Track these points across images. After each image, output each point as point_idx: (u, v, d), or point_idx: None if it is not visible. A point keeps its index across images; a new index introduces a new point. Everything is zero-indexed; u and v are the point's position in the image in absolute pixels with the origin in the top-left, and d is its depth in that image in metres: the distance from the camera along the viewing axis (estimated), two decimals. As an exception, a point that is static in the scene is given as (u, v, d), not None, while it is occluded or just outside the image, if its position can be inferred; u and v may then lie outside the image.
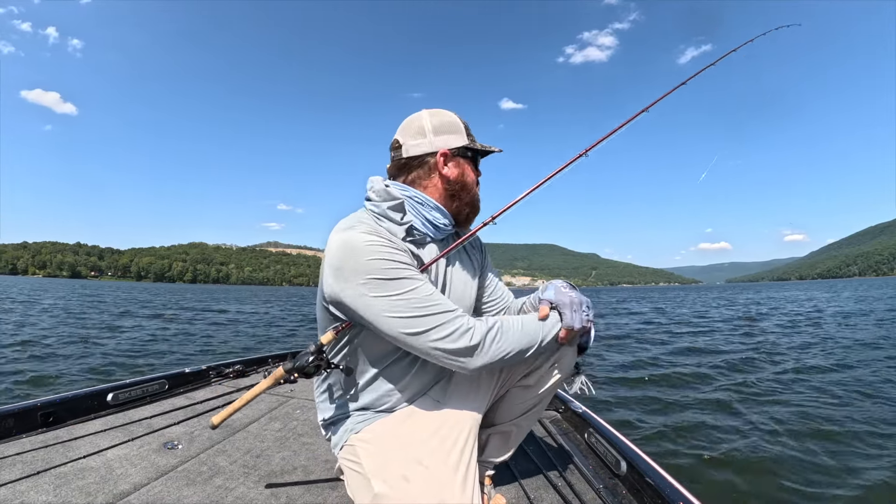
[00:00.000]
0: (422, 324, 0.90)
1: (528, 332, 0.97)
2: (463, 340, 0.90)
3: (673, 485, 1.17)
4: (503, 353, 0.94)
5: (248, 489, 1.25)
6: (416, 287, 0.92)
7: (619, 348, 7.31)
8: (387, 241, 0.95)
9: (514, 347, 0.95)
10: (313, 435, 1.70)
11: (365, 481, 0.95)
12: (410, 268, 0.94)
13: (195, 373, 2.33)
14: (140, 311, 14.72)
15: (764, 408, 3.89)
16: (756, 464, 2.76)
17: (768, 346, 7.29)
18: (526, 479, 1.37)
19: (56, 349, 6.38)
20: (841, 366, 5.54)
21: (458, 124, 1.10)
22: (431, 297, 0.92)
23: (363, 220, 0.98)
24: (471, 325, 0.92)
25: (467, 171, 1.11)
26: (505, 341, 0.94)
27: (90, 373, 4.94)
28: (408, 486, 0.89)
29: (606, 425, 1.63)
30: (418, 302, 0.90)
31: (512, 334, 0.95)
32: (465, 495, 0.89)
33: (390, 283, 0.90)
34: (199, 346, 7.50)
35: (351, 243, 0.92)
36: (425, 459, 0.93)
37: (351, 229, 0.95)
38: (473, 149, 1.12)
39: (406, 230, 1.01)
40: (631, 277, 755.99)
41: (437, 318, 0.90)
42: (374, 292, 0.90)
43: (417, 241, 1.06)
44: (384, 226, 0.99)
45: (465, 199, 1.11)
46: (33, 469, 1.27)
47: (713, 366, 5.64)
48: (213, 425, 1.05)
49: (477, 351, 0.91)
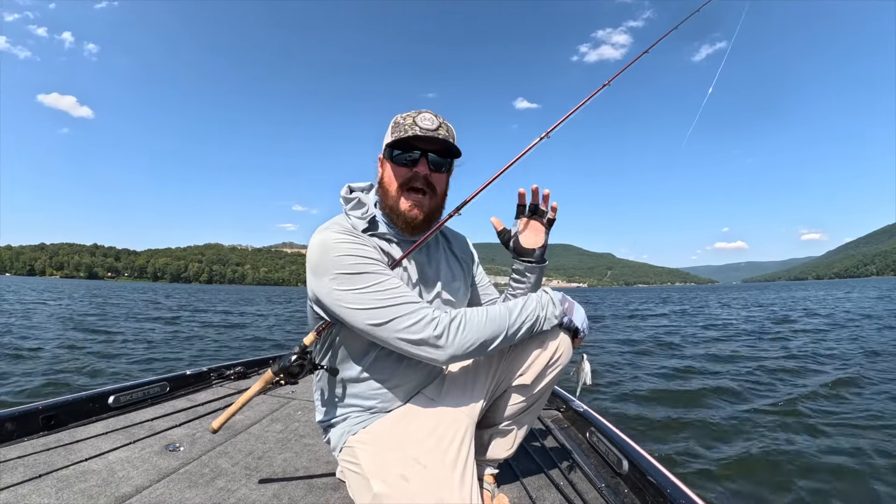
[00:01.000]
0: (385, 314, 0.92)
1: (493, 321, 0.96)
2: (427, 331, 0.91)
3: (675, 483, 1.17)
4: (469, 343, 0.93)
5: (249, 491, 1.25)
6: (381, 281, 0.94)
7: (644, 357, 6.81)
8: (355, 238, 0.99)
9: (479, 336, 0.94)
10: (315, 436, 1.70)
11: (364, 482, 0.96)
12: (377, 263, 0.97)
13: (196, 375, 2.33)
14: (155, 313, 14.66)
15: (777, 410, 3.88)
16: (757, 464, 2.76)
17: (801, 349, 6.96)
18: (528, 479, 1.37)
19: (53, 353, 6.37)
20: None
21: (395, 125, 1.04)
22: (396, 290, 0.94)
23: (337, 222, 1.03)
24: (435, 315, 0.92)
25: (388, 174, 1.06)
26: (469, 330, 0.93)
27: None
28: (407, 485, 0.90)
29: (608, 424, 1.62)
30: (382, 294, 0.93)
31: (476, 324, 0.95)
32: (463, 493, 0.90)
33: (357, 277, 0.94)
34: (203, 347, 7.51)
35: (324, 242, 0.97)
36: (423, 458, 0.94)
37: (326, 230, 0.99)
38: (388, 146, 1.04)
39: (369, 222, 1.04)
40: (647, 277, 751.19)
41: (400, 308, 0.92)
42: (342, 286, 0.94)
43: (386, 238, 1.07)
44: (352, 222, 1.04)
45: (386, 204, 1.07)
46: (35, 472, 1.27)
47: (748, 373, 5.22)
48: (213, 430, 1.07)
49: (442, 341, 0.91)
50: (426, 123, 1.01)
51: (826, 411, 3.68)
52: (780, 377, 4.97)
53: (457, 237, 1.29)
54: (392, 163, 1.05)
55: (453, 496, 0.88)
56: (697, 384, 4.70)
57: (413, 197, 1.04)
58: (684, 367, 5.61)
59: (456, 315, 0.94)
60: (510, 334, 0.98)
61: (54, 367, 5.23)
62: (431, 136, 1.00)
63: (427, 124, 1.01)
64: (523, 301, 1.03)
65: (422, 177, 1.03)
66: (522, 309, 1.01)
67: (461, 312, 0.96)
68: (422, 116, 1.02)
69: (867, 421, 3.40)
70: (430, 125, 1.01)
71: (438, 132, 1.01)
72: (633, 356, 6.73)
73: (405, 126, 1.01)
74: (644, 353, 6.99)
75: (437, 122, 1.02)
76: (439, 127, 1.02)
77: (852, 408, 3.77)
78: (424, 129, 1.00)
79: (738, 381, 4.78)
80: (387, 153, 1.05)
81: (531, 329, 1.02)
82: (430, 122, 1.01)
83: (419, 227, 1.07)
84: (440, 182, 1.07)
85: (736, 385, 4.56)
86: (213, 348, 7.45)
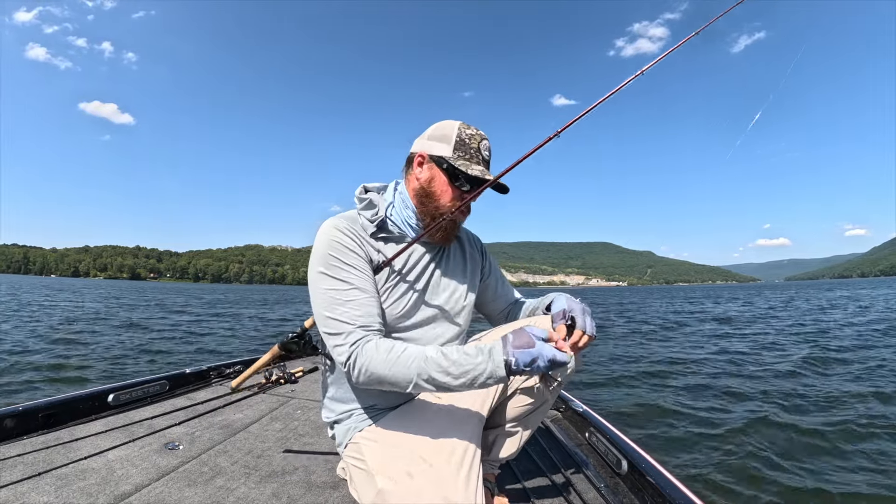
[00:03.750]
0: (326, 325, 0.96)
1: (401, 368, 0.88)
2: (341, 357, 0.93)
3: (674, 484, 1.17)
4: (370, 382, 0.92)
5: (249, 489, 1.25)
6: (339, 288, 0.97)
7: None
8: (352, 238, 1.01)
9: (381, 377, 0.90)
10: (314, 435, 1.70)
11: (369, 478, 0.96)
12: (351, 268, 0.99)
13: (196, 373, 2.33)
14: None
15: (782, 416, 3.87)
16: (759, 463, 2.76)
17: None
18: (527, 479, 1.37)
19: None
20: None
21: (450, 136, 1.06)
22: (345, 305, 0.95)
23: (348, 217, 1.06)
24: (353, 347, 0.91)
25: (438, 181, 1.06)
26: (370, 372, 0.90)
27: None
28: (411, 482, 0.90)
29: (607, 424, 1.62)
30: (332, 303, 0.96)
31: (381, 365, 0.89)
32: (468, 493, 0.89)
33: (326, 279, 0.98)
34: (213, 344, 7.52)
35: (324, 234, 1.02)
36: (429, 456, 0.94)
37: (333, 225, 1.03)
38: (451, 164, 1.04)
39: (377, 225, 1.06)
40: (687, 276, 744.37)
41: (336, 325, 0.94)
42: (314, 281, 0.99)
43: (394, 238, 1.08)
44: (362, 222, 1.06)
45: (429, 207, 1.07)
46: (34, 470, 1.27)
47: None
48: (232, 388, 1.37)
49: (347, 370, 0.93)
50: (486, 154, 1.07)
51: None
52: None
53: (466, 234, 1.30)
54: (447, 177, 1.06)
55: (458, 495, 0.88)
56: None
57: (460, 216, 1.09)
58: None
59: (367, 351, 0.90)
60: (421, 384, 0.89)
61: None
62: (488, 176, 1.04)
63: (486, 154, 1.07)
64: (458, 355, 0.88)
65: (469, 203, 1.08)
66: (452, 364, 0.87)
67: (373, 350, 0.91)
68: (484, 144, 1.07)
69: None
70: (488, 155, 1.07)
71: (489, 172, 1.06)
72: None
73: (471, 150, 1.05)
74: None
75: (489, 154, 1.09)
76: (489, 160, 1.08)
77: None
78: (486, 160, 1.06)
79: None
80: (441, 162, 1.05)
81: (468, 385, 0.88)
82: (487, 152, 1.08)
83: (450, 238, 1.12)
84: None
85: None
86: (216, 346, 7.47)
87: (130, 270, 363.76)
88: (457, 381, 0.87)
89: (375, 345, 0.92)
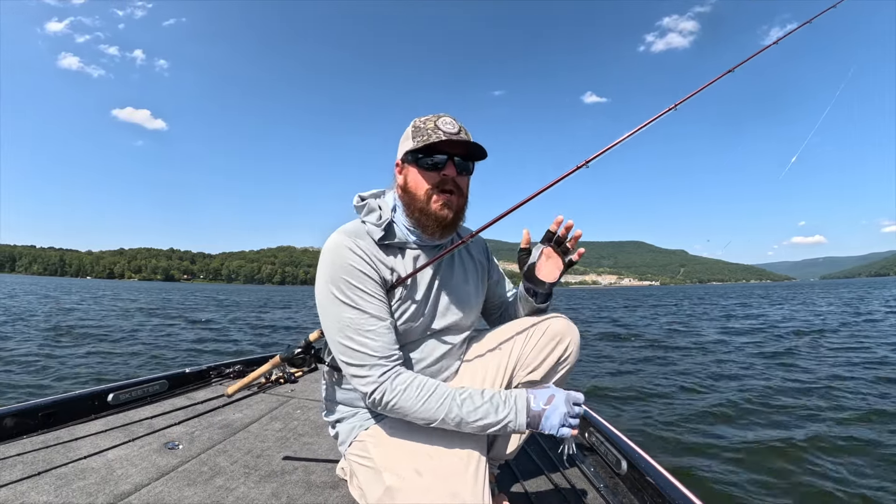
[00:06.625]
0: (344, 354, 0.97)
1: (430, 408, 0.93)
2: (366, 388, 0.95)
3: (673, 484, 1.17)
4: (397, 414, 0.96)
5: (248, 489, 1.25)
6: (356, 318, 0.96)
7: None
8: (361, 256, 0.99)
9: (407, 413, 0.95)
10: (314, 435, 1.70)
11: (376, 475, 0.97)
12: (367, 295, 0.98)
13: (196, 373, 2.33)
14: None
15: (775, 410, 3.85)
16: (760, 463, 2.76)
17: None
18: (527, 479, 1.37)
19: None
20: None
21: (409, 132, 1.05)
22: (364, 334, 0.95)
23: (353, 231, 1.04)
24: (380, 381, 0.94)
25: (412, 175, 1.06)
26: (399, 407, 0.94)
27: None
28: (420, 479, 0.90)
29: (607, 424, 1.62)
30: (350, 332, 0.96)
31: (411, 403, 0.93)
32: (476, 489, 0.90)
33: (342, 306, 0.97)
34: (207, 346, 7.51)
35: (333, 252, 1.00)
36: (436, 453, 0.94)
37: (340, 243, 1.00)
38: (414, 150, 1.03)
39: (384, 229, 1.04)
40: (721, 274, 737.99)
41: (356, 355, 0.95)
42: (326, 303, 0.99)
43: (399, 246, 1.07)
44: (367, 229, 1.04)
45: (414, 205, 1.07)
46: (34, 469, 1.28)
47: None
48: (227, 395, 1.32)
49: (375, 405, 0.96)
50: (448, 127, 1.02)
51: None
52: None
53: (472, 239, 1.29)
54: (417, 167, 1.05)
55: (466, 492, 0.88)
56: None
57: (443, 197, 1.05)
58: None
59: (397, 388, 0.94)
60: (447, 423, 0.94)
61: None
62: (455, 139, 1.01)
63: (449, 128, 1.02)
64: (483, 401, 0.95)
65: (450, 180, 1.05)
66: (475, 410, 0.93)
67: (401, 387, 0.93)
68: (442, 120, 1.03)
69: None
70: (452, 129, 1.02)
71: (461, 135, 1.02)
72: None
73: (427, 130, 1.02)
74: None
75: (457, 126, 1.04)
76: (460, 130, 1.03)
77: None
78: (447, 132, 1.01)
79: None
80: (410, 158, 1.06)
81: (482, 429, 0.94)
82: (451, 125, 1.03)
83: (450, 227, 1.09)
84: (465, 184, 1.09)
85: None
86: (213, 347, 7.46)
87: (164, 272, 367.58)
88: (477, 426, 0.94)
89: (404, 382, 0.94)
